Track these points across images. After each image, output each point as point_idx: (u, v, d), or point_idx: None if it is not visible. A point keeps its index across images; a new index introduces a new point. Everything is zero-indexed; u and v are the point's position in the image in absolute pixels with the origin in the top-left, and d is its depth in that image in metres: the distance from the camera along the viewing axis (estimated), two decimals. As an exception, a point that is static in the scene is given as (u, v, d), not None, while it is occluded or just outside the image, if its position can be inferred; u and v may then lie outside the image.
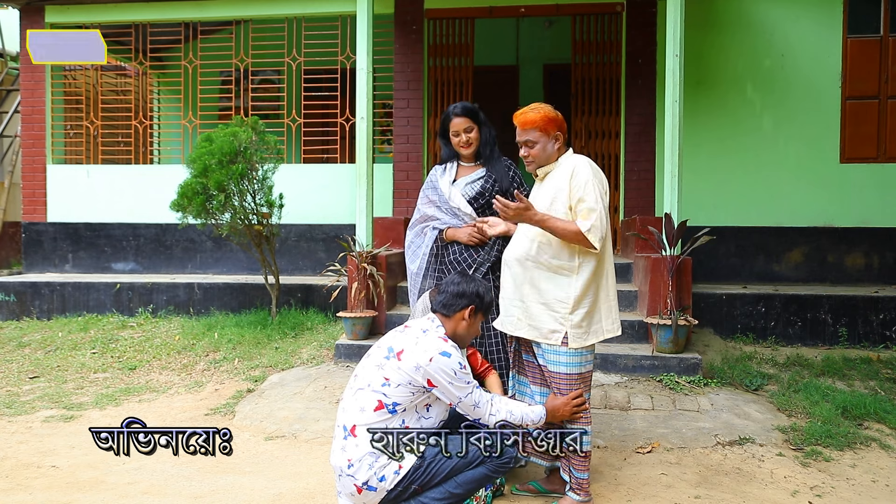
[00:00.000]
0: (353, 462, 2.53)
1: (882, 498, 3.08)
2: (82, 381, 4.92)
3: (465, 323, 2.75)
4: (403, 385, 2.57)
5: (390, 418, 2.56)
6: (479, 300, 2.76)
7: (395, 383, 2.57)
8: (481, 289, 2.79)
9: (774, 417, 3.99)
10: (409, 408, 2.59)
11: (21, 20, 7.38)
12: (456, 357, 2.61)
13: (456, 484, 2.57)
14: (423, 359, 2.57)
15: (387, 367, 2.60)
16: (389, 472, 2.52)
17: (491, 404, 2.66)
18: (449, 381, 2.57)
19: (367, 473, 2.51)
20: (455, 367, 2.59)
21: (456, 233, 3.33)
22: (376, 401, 2.56)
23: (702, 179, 6.39)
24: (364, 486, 2.53)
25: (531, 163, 2.93)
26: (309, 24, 7.08)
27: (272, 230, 5.94)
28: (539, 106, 2.91)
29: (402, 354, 2.61)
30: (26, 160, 7.47)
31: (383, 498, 2.54)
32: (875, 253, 6.34)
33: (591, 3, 6.81)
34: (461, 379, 2.59)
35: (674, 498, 3.04)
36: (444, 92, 7.10)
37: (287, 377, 4.76)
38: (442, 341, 2.65)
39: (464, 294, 2.75)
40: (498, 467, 2.60)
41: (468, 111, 3.34)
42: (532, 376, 3.03)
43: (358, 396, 2.60)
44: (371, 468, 2.51)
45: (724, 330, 5.46)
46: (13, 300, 6.55)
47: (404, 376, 2.57)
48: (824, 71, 6.45)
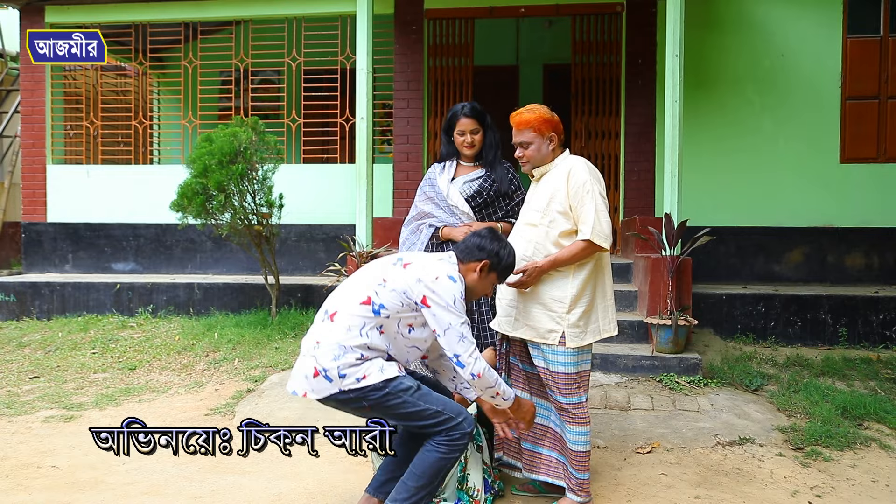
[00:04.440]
0: (322, 343, 2.51)
1: (882, 498, 3.08)
2: (82, 381, 4.92)
3: (476, 276, 2.67)
4: (397, 292, 2.53)
5: (371, 318, 2.52)
6: (496, 259, 2.67)
7: (391, 287, 2.54)
8: (504, 251, 2.69)
9: (774, 417, 3.99)
10: (392, 317, 2.54)
11: (21, 20, 7.38)
12: (460, 287, 2.56)
13: (416, 476, 2.53)
14: (428, 275, 2.54)
15: (389, 271, 2.58)
16: (352, 376, 2.47)
17: (476, 353, 2.55)
18: (445, 306, 2.52)
19: (330, 363, 2.47)
20: (457, 294, 2.54)
21: (452, 232, 3.33)
22: (366, 295, 2.54)
23: (702, 179, 6.39)
24: (322, 372, 2.48)
25: (526, 163, 2.95)
26: (309, 24, 7.08)
27: (272, 230, 5.94)
28: (534, 107, 2.92)
29: (408, 266, 2.60)
30: (26, 160, 7.47)
31: (333, 394, 2.49)
32: (875, 253, 6.34)
33: (591, 3, 6.81)
34: (458, 308, 2.53)
35: (674, 498, 3.05)
36: (444, 92, 7.09)
37: (287, 377, 4.74)
38: (454, 270, 2.61)
39: (483, 248, 2.68)
40: (451, 444, 2.52)
41: (476, 113, 3.34)
42: (515, 380, 3.04)
43: (350, 288, 2.61)
44: (336, 360, 2.47)
45: (724, 330, 5.46)
46: (13, 300, 6.55)
47: (402, 284, 2.53)
48: (824, 71, 6.45)
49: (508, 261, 2.71)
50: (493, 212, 3.37)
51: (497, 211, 3.38)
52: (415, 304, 2.53)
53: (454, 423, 2.54)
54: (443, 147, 3.49)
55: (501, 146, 3.38)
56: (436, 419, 2.53)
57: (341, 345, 2.49)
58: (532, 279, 2.81)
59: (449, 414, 2.54)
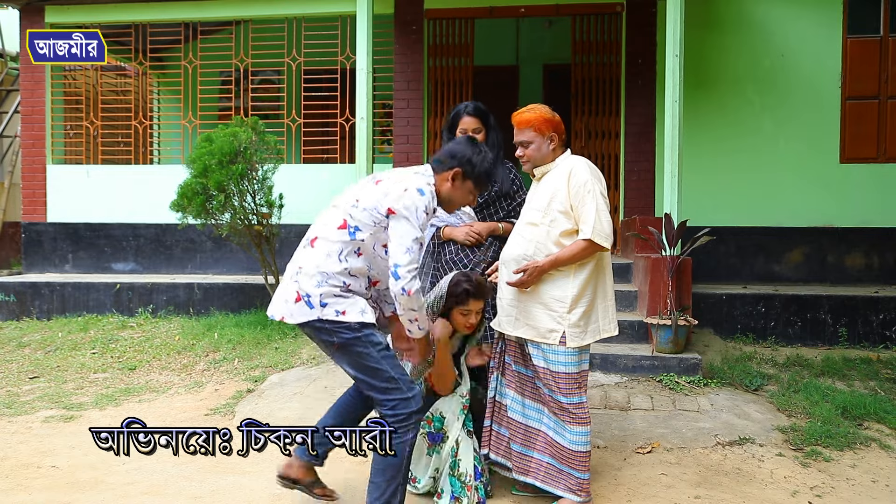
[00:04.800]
0: (304, 269, 2.55)
1: (882, 498, 3.08)
2: (82, 381, 4.92)
3: (449, 185, 2.66)
4: (368, 210, 2.55)
5: (348, 242, 2.54)
6: (468, 166, 2.65)
7: (363, 206, 2.56)
8: (476, 157, 2.66)
9: (774, 417, 3.99)
10: (367, 239, 2.56)
11: (21, 20, 7.38)
12: (426, 200, 2.55)
13: (380, 471, 2.56)
14: (396, 188, 2.56)
15: (363, 190, 2.62)
16: (332, 307, 2.51)
17: (415, 272, 2.51)
18: (406, 216, 2.51)
19: (313, 289, 2.51)
20: (420, 206, 2.53)
21: (453, 231, 3.33)
22: (342, 219, 2.57)
23: (702, 179, 6.39)
24: (304, 298, 2.51)
25: (526, 162, 2.96)
26: (309, 24, 7.08)
27: (272, 230, 5.94)
28: (535, 107, 2.94)
29: (380, 182, 2.62)
30: (26, 160, 7.47)
31: (311, 321, 2.53)
32: (875, 253, 6.34)
33: (591, 3, 6.81)
34: (418, 221, 2.52)
35: (674, 498, 3.05)
36: (444, 92, 7.09)
37: (287, 377, 4.76)
38: (425, 183, 2.61)
39: (455, 156, 2.66)
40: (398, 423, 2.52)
41: (480, 112, 3.34)
42: (509, 381, 3.02)
43: (329, 212, 2.64)
44: (319, 286, 2.51)
45: (724, 330, 5.46)
46: (13, 300, 6.55)
47: (373, 201, 2.55)
48: (824, 71, 6.45)
49: (482, 167, 2.68)
50: (494, 212, 3.38)
51: (499, 211, 3.37)
52: (384, 218, 2.54)
53: (402, 396, 2.54)
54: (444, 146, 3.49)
55: (504, 147, 3.38)
56: (388, 385, 2.54)
57: (323, 271, 2.52)
58: (532, 279, 2.81)
59: (401, 386, 2.55)
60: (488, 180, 2.74)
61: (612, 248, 4.60)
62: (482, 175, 2.69)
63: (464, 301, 2.91)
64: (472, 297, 2.91)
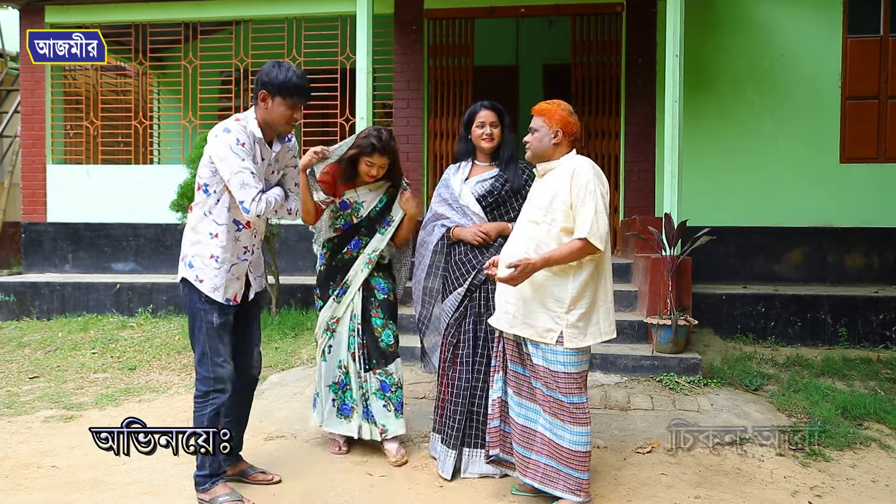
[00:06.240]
0: (185, 232, 2.89)
1: (882, 498, 3.08)
2: (82, 381, 4.92)
3: (264, 107, 2.79)
4: (206, 165, 2.79)
5: (205, 199, 2.82)
6: (270, 85, 2.75)
7: (203, 164, 2.81)
8: (274, 71, 2.76)
9: (774, 417, 3.99)
10: (217, 191, 2.80)
11: (21, 20, 7.38)
12: (234, 136, 2.70)
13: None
14: (210, 136, 2.79)
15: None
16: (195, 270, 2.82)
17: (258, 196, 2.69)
18: (222, 157, 2.69)
19: (187, 248, 2.86)
20: (231, 142, 2.70)
21: (462, 232, 3.33)
22: (197, 184, 2.85)
23: (702, 179, 6.39)
24: (183, 259, 2.88)
25: (529, 149, 2.98)
26: (309, 24, 7.08)
27: (272, 230, 5.94)
28: (558, 102, 3.00)
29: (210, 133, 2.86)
30: (26, 160, 7.47)
31: (183, 278, 2.86)
32: (875, 253, 6.34)
33: (591, 3, 6.81)
34: (236, 155, 2.68)
35: (674, 498, 3.05)
36: (444, 92, 7.10)
37: (287, 377, 4.76)
38: (233, 121, 2.77)
39: (258, 81, 2.80)
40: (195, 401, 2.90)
41: (497, 108, 3.38)
42: (508, 381, 3.01)
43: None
44: (192, 245, 2.84)
45: (724, 330, 5.46)
46: (13, 300, 6.55)
47: (205, 154, 2.77)
48: (824, 71, 6.45)
49: (280, 78, 2.76)
50: (505, 212, 3.35)
51: (510, 211, 3.34)
52: (213, 165, 2.75)
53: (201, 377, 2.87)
54: (460, 145, 3.48)
55: (518, 147, 3.38)
56: (196, 358, 2.90)
57: (193, 230, 2.85)
58: (523, 275, 2.77)
59: (204, 371, 2.87)
60: (295, 90, 2.78)
61: (612, 248, 4.59)
62: (284, 86, 2.75)
63: (369, 153, 3.29)
64: (377, 151, 3.29)
